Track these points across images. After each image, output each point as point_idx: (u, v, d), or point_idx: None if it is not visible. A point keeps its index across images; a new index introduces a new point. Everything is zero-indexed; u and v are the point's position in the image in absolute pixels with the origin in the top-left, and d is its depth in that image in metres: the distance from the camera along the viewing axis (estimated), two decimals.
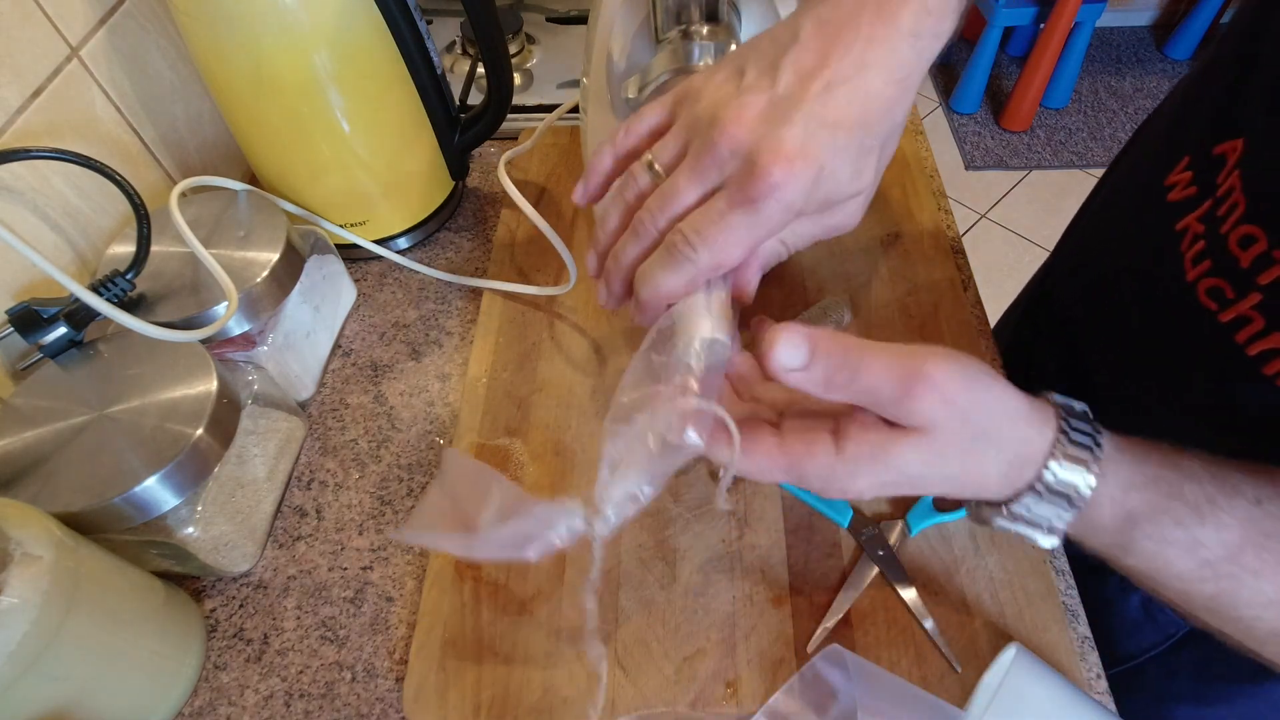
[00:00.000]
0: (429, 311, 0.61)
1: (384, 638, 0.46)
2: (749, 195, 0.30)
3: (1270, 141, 0.37)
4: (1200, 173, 0.41)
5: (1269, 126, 0.37)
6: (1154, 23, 2.46)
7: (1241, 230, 0.37)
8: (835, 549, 0.47)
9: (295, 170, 0.58)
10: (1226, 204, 0.39)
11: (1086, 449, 0.30)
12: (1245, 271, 0.37)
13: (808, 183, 0.30)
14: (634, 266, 0.34)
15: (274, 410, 0.51)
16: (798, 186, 0.30)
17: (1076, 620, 0.45)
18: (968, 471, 0.30)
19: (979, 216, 2.01)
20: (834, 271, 0.60)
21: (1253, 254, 0.37)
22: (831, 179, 0.30)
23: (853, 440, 0.30)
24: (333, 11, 0.50)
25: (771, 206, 0.30)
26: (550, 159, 0.69)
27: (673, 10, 0.43)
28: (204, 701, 0.44)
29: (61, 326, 0.44)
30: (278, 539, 0.50)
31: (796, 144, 0.29)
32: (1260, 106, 0.38)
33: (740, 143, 0.30)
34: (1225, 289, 0.39)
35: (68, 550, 0.36)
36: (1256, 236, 0.36)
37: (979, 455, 0.30)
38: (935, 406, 0.29)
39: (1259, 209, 0.36)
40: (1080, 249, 0.59)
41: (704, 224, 0.31)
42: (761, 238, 0.31)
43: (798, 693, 0.41)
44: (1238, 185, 0.38)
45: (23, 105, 0.49)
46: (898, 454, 0.30)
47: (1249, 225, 0.37)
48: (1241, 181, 0.38)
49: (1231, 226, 0.38)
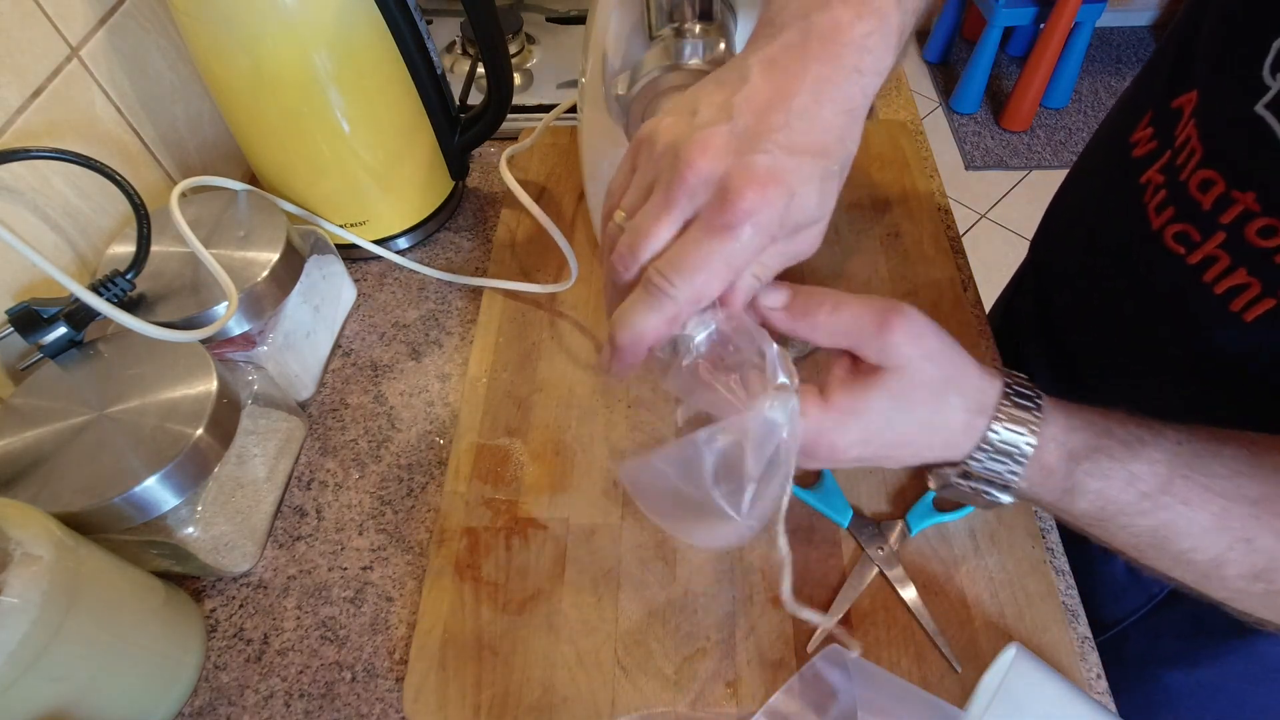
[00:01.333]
0: (429, 311, 0.61)
1: (384, 638, 0.46)
2: (725, 221, 0.29)
3: (1220, 90, 0.40)
4: (1160, 128, 0.45)
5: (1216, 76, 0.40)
6: (1154, 23, 2.46)
7: (1200, 175, 0.40)
8: (835, 549, 0.47)
9: (295, 170, 0.58)
10: (1184, 153, 0.42)
11: (1029, 399, 0.34)
12: (1207, 214, 0.40)
13: (780, 207, 0.30)
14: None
15: (274, 410, 0.51)
16: (772, 211, 0.30)
17: (1076, 620, 0.45)
18: (935, 419, 0.33)
19: (979, 216, 2.01)
20: (834, 272, 0.60)
21: (1213, 196, 0.40)
22: (801, 204, 0.31)
23: (834, 389, 0.33)
24: (333, 11, 0.50)
25: (747, 232, 0.30)
26: (550, 158, 0.69)
27: (666, 8, 0.43)
28: (204, 701, 0.44)
29: (61, 326, 0.44)
30: (278, 539, 0.50)
31: (766, 169, 0.29)
32: (1208, 58, 0.41)
33: (709, 172, 0.30)
34: (1191, 232, 0.41)
35: (68, 550, 0.36)
36: (1214, 180, 0.39)
37: (945, 401, 0.33)
38: (908, 341, 0.32)
39: (1214, 153, 0.40)
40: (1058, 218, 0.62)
41: (679, 257, 0.30)
42: (739, 267, 0.31)
43: (798, 693, 0.41)
44: (1194, 134, 0.41)
45: (23, 105, 0.49)
46: (875, 395, 0.32)
47: (1206, 169, 0.40)
48: (1198, 130, 0.41)
49: (1190, 173, 0.41)
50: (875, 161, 0.67)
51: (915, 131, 0.71)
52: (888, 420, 0.33)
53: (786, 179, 0.30)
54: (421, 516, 0.51)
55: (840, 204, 0.66)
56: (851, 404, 0.32)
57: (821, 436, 0.32)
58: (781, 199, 0.30)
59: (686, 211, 0.31)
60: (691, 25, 0.42)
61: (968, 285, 0.59)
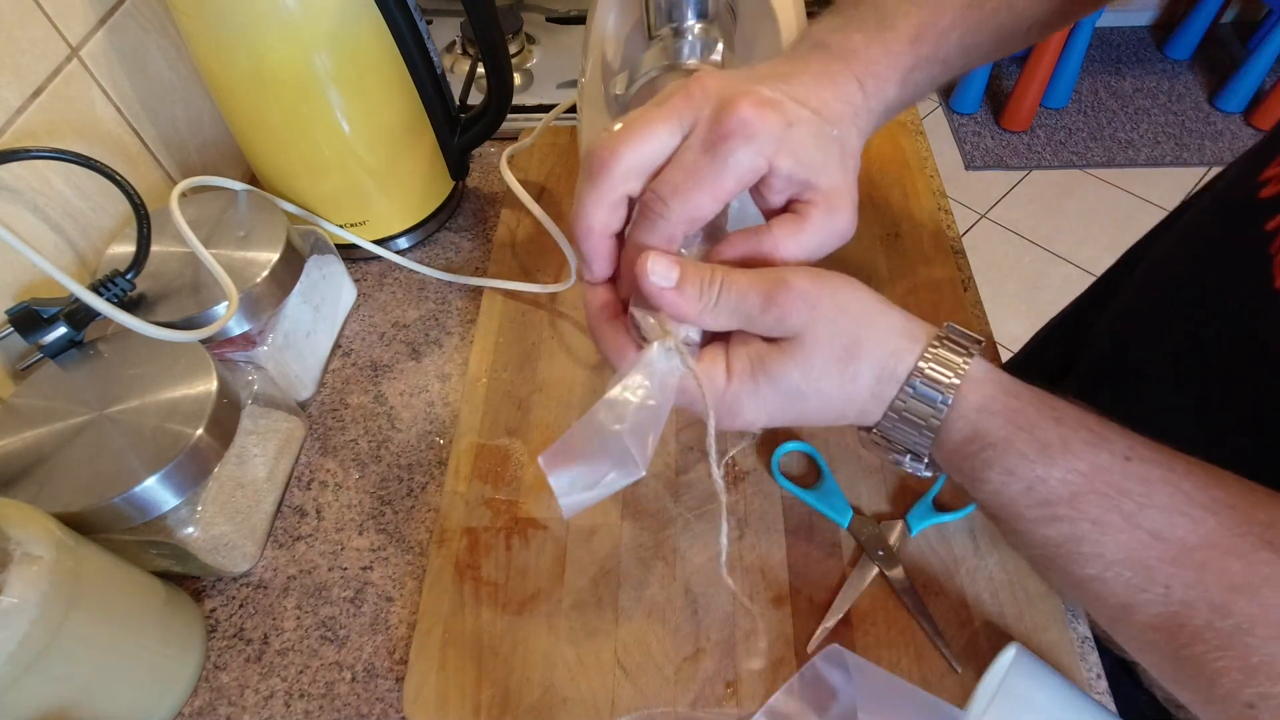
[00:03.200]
0: (429, 311, 0.61)
1: (384, 638, 0.46)
2: (719, 133, 0.30)
3: None
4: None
5: None
6: (1154, 23, 2.46)
7: None
8: (835, 549, 0.47)
9: (295, 170, 0.58)
10: None
11: (948, 369, 0.31)
12: None
13: (776, 130, 0.30)
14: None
15: (274, 410, 0.51)
16: (767, 129, 0.30)
17: (1076, 620, 0.45)
18: (843, 385, 0.32)
19: (979, 216, 2.01)
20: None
21: None
22: (799, 142, 0.31)
23: (736, 360, 0.32)
24: (333, 11, 0.50)
25: (740, 147, 0.30)
26: (550, 159, 0.69)
27: (665, 8, 0.43)
28: (204, 701, 0.44)
29: (61, 326, 0.44)
30: (278, 539, 0.50)
31: (766, 95, 0.31)
32: None
33: (715, 89, 0.31)
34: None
35: (68, 550, 0.36)
36: None
37: (852, 367, 0.31)
38: (801, 311, 0.31)
39: None
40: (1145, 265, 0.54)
41: (673, 175, 0.31)
42: (731, 189, 0.31)
43: (798, 693, 0.41)
44: None
45: (23, 105, 0.49)
46: (775, 365, 0.31)
47: None
48: None
49: None
50: (875, 161, 0.67)
51: (915, 131, 0.71)
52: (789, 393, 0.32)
53: (786, 110, 0.31)
54: (421, 516, 0.51)
55: None
56: (751, 371, 0.32)
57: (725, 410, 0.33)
58: (778, 122, 0.30)
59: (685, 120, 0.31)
60: (690, 25, 0.42)
61: (968, 285, 0.59)
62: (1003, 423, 0.31)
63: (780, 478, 0.49)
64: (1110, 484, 0.29)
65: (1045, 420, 0.31)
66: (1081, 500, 0.30)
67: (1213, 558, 0.28)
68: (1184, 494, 0.29)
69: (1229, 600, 0.28)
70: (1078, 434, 0.30)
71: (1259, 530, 0.28)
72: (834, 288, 0.32)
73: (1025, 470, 0.30)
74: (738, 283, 0.31)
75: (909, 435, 0.32)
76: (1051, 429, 0.30)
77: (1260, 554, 0.28)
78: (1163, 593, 0.29)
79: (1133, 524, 0.29)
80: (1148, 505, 0.29)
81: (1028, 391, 0.32)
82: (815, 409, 0.32)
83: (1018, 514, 0.31)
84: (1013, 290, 1.84)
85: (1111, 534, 0.29)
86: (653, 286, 0.31)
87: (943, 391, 0.31)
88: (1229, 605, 0.28)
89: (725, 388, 0.32)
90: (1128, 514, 0.29)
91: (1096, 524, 0.29)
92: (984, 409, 0.31)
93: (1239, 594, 0.27)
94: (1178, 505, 0.29)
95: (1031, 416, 0.31)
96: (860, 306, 0.32)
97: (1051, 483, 0.30)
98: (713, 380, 0.32)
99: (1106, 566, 0.30)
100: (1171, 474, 0.30)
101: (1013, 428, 0.31)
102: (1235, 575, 0.28)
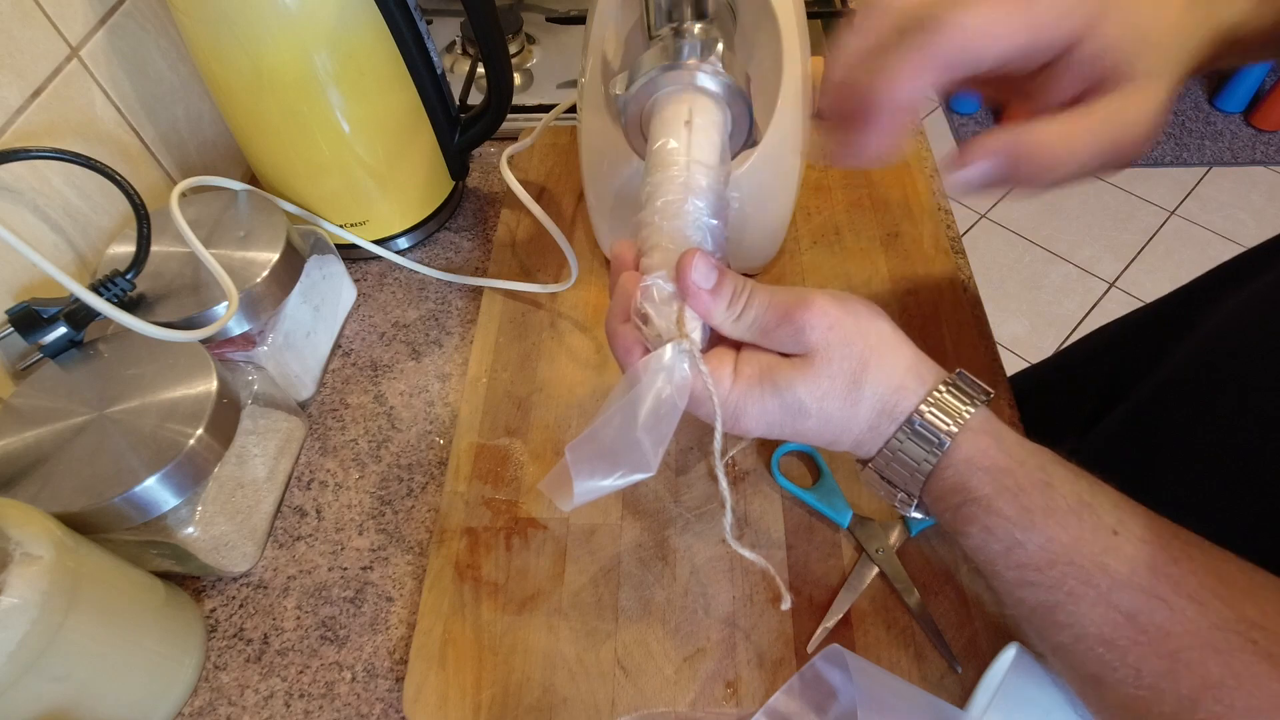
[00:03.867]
0: (429, 311, 0.61)
1: (384, 638, 0.46)
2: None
3: None
4: None
5: None
6: None
7: None
8: (835, 549, 0.47)
9: (295, 170, 0.58)
10: None
11: (949, 415, 0.31)
12: None
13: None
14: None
15: (274, 410, 0.51)
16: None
17: None
18: (844, 409, 0.32)
19: (979, 216, 2.01)
20: (834, 271, 0.60)
21: None
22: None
23: (745, 365, 0.33)
24: (333, 11, 0.50)
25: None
26: (550, 159, 0.69)
27: (664, 8, 0.43)
28: (204, 701, 0.44)
29: (61, 326, 0.44)
30: (278, 539, 0.50)
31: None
32: None
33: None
34: None
35: (68, 550, 0.36)
36: None
37: (855, 392, 0.32)
38: (819, 331, 0.31)
39: None
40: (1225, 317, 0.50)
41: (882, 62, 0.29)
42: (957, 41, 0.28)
43: (798, 693, 0.41)
44: None
45: (23, 105, 0.49)
46: (783, 377, 0.32)
47: None
48: None
49: None
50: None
51: (915, 131, 0.71)
52: (792, 407, 0.32)
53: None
54: (421, 516, 0.51)
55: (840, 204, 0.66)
56: (759, 377, 0.32)
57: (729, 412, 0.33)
58: None
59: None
60: (690, 25, 0.42)
61: (968, 285, 0.59)
62: (988, 480, 0.30)
63: (780, 478, 0.49)
64: (1089, 557, 0.29)
65: (1033, 483, 0.30)
66: (1057, 570, 0.29)
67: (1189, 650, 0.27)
68: (1169, 579, 0.28)
69: (1199, 696, 0.27)
70: (1065, 501, 0.30)
71: (1244, 628, 0.27)
72: (856, 312, 0.32)
73: (1004, 532, 0.30)
74: (760, 297, 0.32)
75: (901, 475, 0.32)
76: (1037, 494, 0.30)
77: (1240, 655, 0.27)
78: (1133, 675, 0.28)
79: (1107, 602, 0.28)
80: (1126, 585, 0.28)
81: (1023, 449, 0.31)
82: (814, 428, 0.32)
83: (995, 572, 0.31)
84: (1013, 290, 1.84)
85: (1086, 607, 0.29)
86: (692, 284, 0.32)
87: (939, 437, 0.31)
88: (1198, 701, 0.27)
89: (729, 391, 0.33)
90: (1103, 591, 0.28)
91: (1071, 595, 0.29)
92: (972, 462, 0.31)
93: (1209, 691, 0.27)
94: (1159, 590, 0.28)
95: (1019, 478, 0.30)
96: (877, 336, 0.32)
97: (1030, 548, 0.29)
98: (718, 383, 0.33)
99: (1078, 639, 0.29)
100: (1161, 554, 0.29)
101: (998, 487, 0.30)
102: (1210, 672, 0.27)
